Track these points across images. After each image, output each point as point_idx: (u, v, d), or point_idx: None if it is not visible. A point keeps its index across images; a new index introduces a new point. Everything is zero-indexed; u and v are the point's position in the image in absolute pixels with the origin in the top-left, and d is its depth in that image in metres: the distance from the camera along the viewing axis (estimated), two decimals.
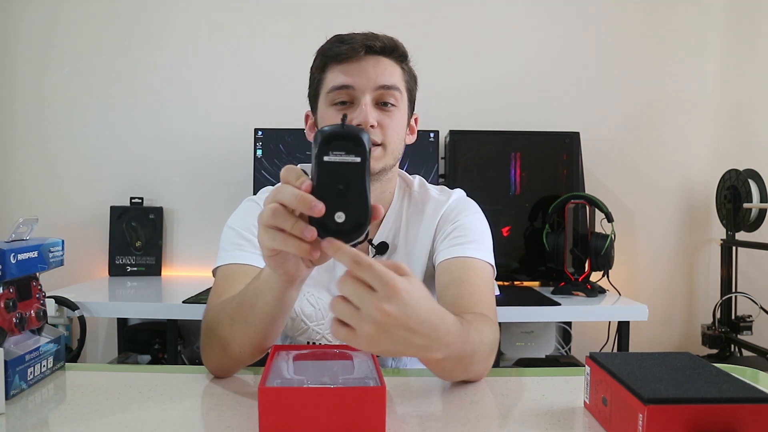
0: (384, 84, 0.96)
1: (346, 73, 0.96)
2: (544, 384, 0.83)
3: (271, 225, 0.60)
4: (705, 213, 2.42)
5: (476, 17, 2.38)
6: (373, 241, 1.04)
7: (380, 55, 0.97)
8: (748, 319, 2.13)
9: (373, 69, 0.96)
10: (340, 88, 0.96)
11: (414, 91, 1.05)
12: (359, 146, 0.58)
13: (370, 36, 0.97)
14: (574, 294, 1.97)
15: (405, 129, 1.03)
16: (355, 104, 0.96)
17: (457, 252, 0.98)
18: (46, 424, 0.68)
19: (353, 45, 0.95)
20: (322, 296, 1.04)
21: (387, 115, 0.97)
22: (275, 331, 0.80)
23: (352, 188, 0.58)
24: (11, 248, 0.75)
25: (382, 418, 0.62)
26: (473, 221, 1.04)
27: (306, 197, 0.58)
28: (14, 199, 2.34)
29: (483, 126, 2.29)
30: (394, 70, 0.99)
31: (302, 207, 0.58)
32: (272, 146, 2.15)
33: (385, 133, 0.97)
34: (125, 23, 2.34)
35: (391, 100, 0.97)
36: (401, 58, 1.00)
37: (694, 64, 2.43)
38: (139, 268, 2.27)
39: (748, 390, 0.61)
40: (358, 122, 0.94)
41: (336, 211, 0.58)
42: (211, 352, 0.84)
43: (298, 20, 2.31)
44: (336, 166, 0.58)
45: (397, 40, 1.00)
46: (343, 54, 0.95)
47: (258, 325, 0.78)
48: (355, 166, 0.58)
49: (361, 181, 0.58)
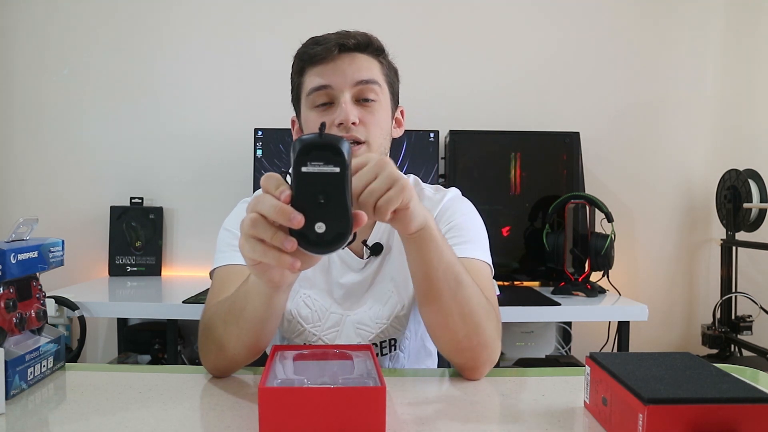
0: (362, 79, 0.95)
1: (322, 74, 0.95)
2: (544, 384, 0.83)
3: (251, 235, 0.60)
4: (705, 213, 2.42)
5: (476, 17, 2.38)
6: (367, 242, 1.04)
7: (355, 52, 0.96)
8: (748, 319, 2.13)
9: (349, 66, 0.95)
10: (319, 89, 0.96)
11: (395, 84, 1.04)
12: (338, 156, 0.57)
13: (343, 34, 0.97)
14: (574, 294, 1.97)
15: (389, 123, 1.02)
16: (335, 104, 0.95)
17: (458, 251, 0.98)
18: (46, 424, 0.68)
19: (327, 45, 0.95)
20: (319, 298, 1.04)
21: (368, 111, 0.96)
22: (268, 333, 0.80)
23: (332, 198, 0.57)
24: (11, 248, 0.75)
25: (382, 418, 0.62)
26: (468, 221, 1.04)
27: (285, 208, 0.57)
28: (14, 199, 2.34)
29: (483, 126, 2.29)
30: (371, 65, 0.98)
31: (281, 218, 0.57)
32: (272, 146, 2.15)
33: (368, 129, 0.96)
34: (125, 23, 2.34)
35: (371, 95, 0.97)
36: (377, 52, 1.00)
37: (694, 64, 2.43)
38: (139, 268, 2.27)
39: (748, 390, 0.61)
40: (340, 120, 0.93)
41: (316, 221, 0.57)
42: (208, 352, 0.85)
43: (299, 20, 2.31)
44: (315, 176, 0.57)
45: (371, 35, 0.99)
46: (318, 55, 0.95)
47: (249, 328, 0.78)
48: (334, 176, 0.57)
49: (341, 191, 0.57)
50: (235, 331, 0.79)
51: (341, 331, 1.03)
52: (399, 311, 1.04)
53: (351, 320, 1.03)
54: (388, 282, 1.04)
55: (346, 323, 1.03)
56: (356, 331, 1.03)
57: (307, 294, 1.03)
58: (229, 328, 0.80)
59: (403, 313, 1.04)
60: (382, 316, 1.03)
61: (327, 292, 1.04)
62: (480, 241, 1.02)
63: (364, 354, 0.77)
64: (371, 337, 1.03)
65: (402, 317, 1.05)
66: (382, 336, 1.04)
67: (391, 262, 1.05)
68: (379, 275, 1.05)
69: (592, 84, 2.40)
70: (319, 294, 1.04)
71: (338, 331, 1.03)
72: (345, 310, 1.04)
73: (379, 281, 1.05)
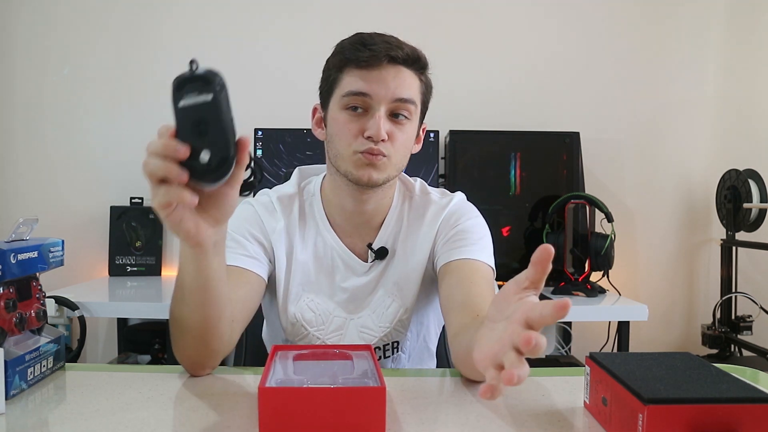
0: (401, 97, 0.94)
1: (365, 79, 0.93)
2: (544, 384, 0.83)
3: (149, 174, 0.63)
4: (705, 213, 2.42)
5: (476, 17, 2.38)
6: (372, 246, 1.04)
7: (401, 65, 0.94)
8: (748, 319, 2.13)
9: (393, 80, 0.93)
10: (357, 95, 0.93)
11: (428, 102, 1.03)
12: (208, 84, 0.60)
13: (394, 43, 0.94)
14: (574, 294, 1.97)
15: (413, 141, 1.02)
16: (369, 113, 0.94)
17: (461, 254, 0.98)
18: (46, 424, 0.68)
19: (375, 52, 0.92)
20: (322, 302, 1.04)
21: (398, 128, 0.95)
22: (214, 306, 0.79)
23: (211, 126, 0.61)
24: (11, 248, 0.75)
25: (382, 418, 0.62)
26: (474, 225, 1.04)
27: (168, 143, 0.61)
28: (14, 200, 2.34)
29: (483, 126, 2.29)
30: (413, 82, 0.96)
31: (168, 152, 0.61)
32: (272, 146, 2.15)
33: (394, 146, 0.95)
34: (125, 23, 2.34)
35: (404, 113, 0.95)
36: (422, 69, 0.98)
37: (694, 64, 2.43)
38: (139, 268, 2.26)
39: (748, 390, 0.61)
40: (371, 134, 0.92)
41: (201, 151, 0.61)
42: (179, 344, 0.83)
43: (299, 20, 2.31)
44: (191, 109, 0.61)
45: (420, 51, 0.97)
46: (363, 60, 0.92)
47: (193, 302, 0.78)
48: (208, 105, 0.60)
49: (218, 118, 0.61)
50: (186, 309, 0.79)
51: (345, 334, 1.03)
52: (402, 315, 1.04)
53: (355, 324, 1.03)
54: (391, 286, 1.04)
55: (350, 327, 1.03)
56: (360, 335, 1.03)
57: (310, 298, 1.03)
58: (181, 306, 0.79)
59: (405, 317, 1.05)
60: (385, 320, 1.04)
61: (330, 296, 1.04)
62: (484, 245, 1.02)
63: (364, 354, 0.77)
64: (375, 341, 1.04)
65: (404, 320, 1.05)
66: (385, 339, 1.04)
67: (395, 266, 1.05)
68: (383, 279, 1.05)
69: (592, 84, 2.40)
70: (323, 298, 1.04)
71: (342, 335, 1.03)
72: (348, 313, 1.04)
73: (382, 285, 1.04)
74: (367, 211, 1.02)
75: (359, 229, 1.04)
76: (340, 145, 0.96)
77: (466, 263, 0.98)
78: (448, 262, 0.99)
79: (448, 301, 0.95)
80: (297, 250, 1.03)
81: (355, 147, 0.94)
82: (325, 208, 1.06)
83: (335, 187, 1.03)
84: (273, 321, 1.11)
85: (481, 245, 1.01)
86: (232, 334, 0.86)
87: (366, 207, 1.02)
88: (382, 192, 1.02)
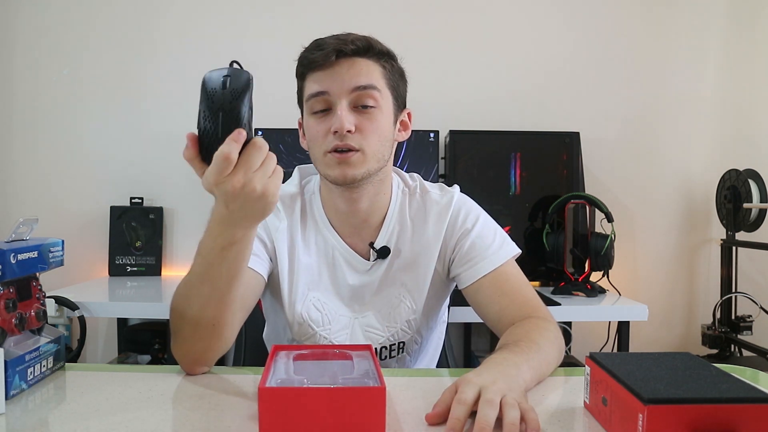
0: (359, 85, 0.93)
1: (320, 80, 0.94)
2: (544, 384, 0.83)
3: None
4: (705, 213, 2.41)
5: (477, 18, 2.38)
6: (374, 245, 1.04)
7: (354, 57, 0.94)
8: (748, 319, 2.13)
9: (347, 72, 0.93)
10: (316, 95, 0.94)
11: (400, 88, 1.01)
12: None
13: (342, 39, 0.94)
14: (574, 294, 1.97)
15: (391, 128, 0.99)
16: (333, 110, 0.94)
17: (485, 268, 1.00)
18: (46, 424, 0.68)
19: (325, 50, 0.93)
20: (327, 300, 1.04)
21: (366, 118, 0.94)
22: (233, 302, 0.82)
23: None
24: (11, 248, 0.75)
25: (382, 418, 0.62)
26: (483, 226, 1.05)
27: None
28: (14, 200, 2.34)
29: (483, 126, 2.29)
30: (371, 70, 0.95)
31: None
32: (272, 146, 2.13)
33: (364, 137, 0.94)
34: (125, 23, 2.34)
35: (369, 102, 0.94)
36: (379, 55, 0.97)
37: (694, 64, 2.43)
38: (139, 268, 2.26)
39: (748, 390, 0.61)
40: (335, 129, 0.92)
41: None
42: (183, 339, 0.83)
43: (298, 20, 2.31)
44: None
45: (372, 39, 0.97)
46: (316, 61, 0.94)
47: (216, 296, 0.79)
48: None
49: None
50: (199, 303, 0.80)
51: (351, 334, 1.03)
52: (410, 317, 1.04)
53: (360, 323, 1.03)
54: (398, 287, 1.04)
55: (355, 326, 1.03)
56: (365, 334, 1.03)
57: (316, 297, 1.03)
58: (195, 301, 0.80)
59: (414, 318, 1.04)
60: (392, 320, 1.03)
61: (335, 293, 1.04)
62: (499, 242, 1.03)
63: (365, 354, 0.77)
64: (381, 340, 1.03)
65: (412, 322, 1.05)
66: (392, 339, 1.04)
67: (402, 268, 1.04)
68: (388, 279, 1.04)
69: (592, 84, 2.40)
70: (328, 296, 1.04)
71: (348, 334, 1.03)
72: (353, 312, 1.04)
73: (387, 285, 1.04)
74: (361, 210, 1.02)
75: (359, 229, 1.04)
76: (314, 149, 0.97)
77: (491, 277, 0.99)
78: (474, 282, 1.00)
79: (484, 316, 1.00)
80: (299, 249, 1.03)
81: (324, 147, 0.95)
82: (323, 208, 1.06)
83: (327, 191, 1.04)
84: (275, 321, 1.11)
85: (497, 244, 1.02)
86: (233, 332, 0.87)
87: (359, 206, 1.01)
88: (373, 188, 1.01)
